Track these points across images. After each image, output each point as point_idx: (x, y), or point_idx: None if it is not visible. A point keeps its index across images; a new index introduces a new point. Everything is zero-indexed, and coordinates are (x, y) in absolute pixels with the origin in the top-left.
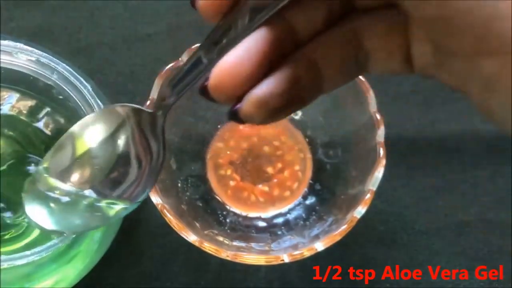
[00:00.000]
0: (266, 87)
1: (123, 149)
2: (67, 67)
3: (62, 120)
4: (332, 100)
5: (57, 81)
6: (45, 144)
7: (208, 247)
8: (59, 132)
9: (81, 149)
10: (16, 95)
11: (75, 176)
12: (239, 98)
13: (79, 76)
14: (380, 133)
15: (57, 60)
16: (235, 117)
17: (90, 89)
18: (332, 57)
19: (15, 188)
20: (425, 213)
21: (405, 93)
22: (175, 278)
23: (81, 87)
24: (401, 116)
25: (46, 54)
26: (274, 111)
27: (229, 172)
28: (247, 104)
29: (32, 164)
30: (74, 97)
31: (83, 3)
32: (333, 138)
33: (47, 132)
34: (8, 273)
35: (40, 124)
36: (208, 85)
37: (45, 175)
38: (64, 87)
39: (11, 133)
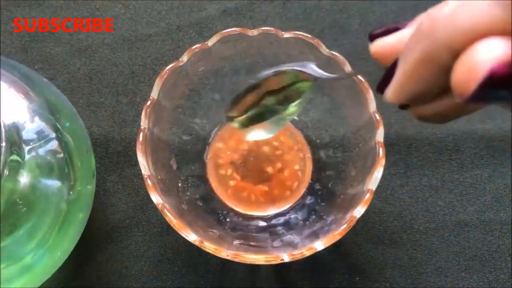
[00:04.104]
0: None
1: None
2: None
3: None
4: (332, 100)
5: None
6: None
7: (208, 246)
8: None
9: None
10: None
11: None
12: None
13: None
14: (380, 133)
15: None
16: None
17: None
18: None
19: None
20: (424, 212)
21: None
22: (175, 278)
23: None
24: (400, 116)
25: None
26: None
27: (229, 172)
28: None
29: None
30: None
31: (83, 3)
32: (333, 138)
33: None
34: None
35: None
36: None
37: None
38: None
39: None
